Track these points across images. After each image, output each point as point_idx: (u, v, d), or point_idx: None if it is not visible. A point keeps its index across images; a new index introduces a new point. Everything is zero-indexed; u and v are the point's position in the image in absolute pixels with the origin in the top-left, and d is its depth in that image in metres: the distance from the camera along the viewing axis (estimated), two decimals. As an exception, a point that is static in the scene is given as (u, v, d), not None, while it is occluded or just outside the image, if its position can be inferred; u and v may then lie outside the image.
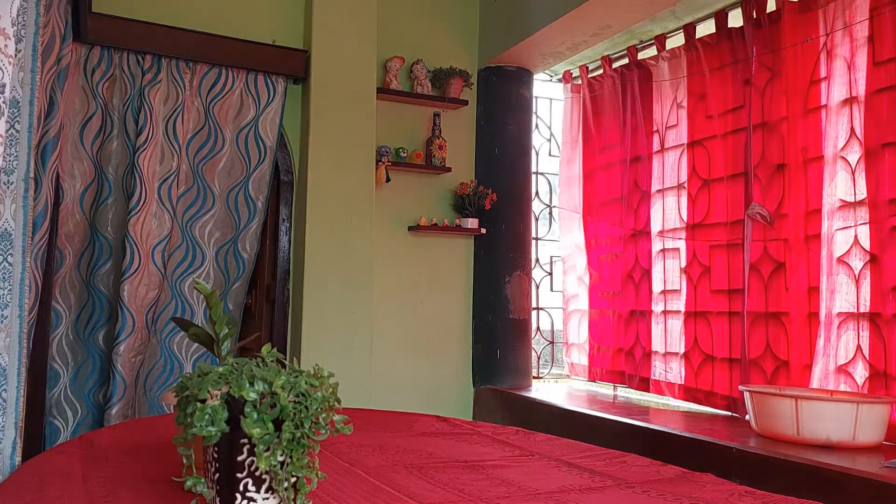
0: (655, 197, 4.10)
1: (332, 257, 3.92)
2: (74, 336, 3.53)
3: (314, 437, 1.04)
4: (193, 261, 3.72)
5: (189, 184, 3.70)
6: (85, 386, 3.53)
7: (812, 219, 3.25)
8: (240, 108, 3.80)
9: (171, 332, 3.68)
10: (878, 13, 2.96)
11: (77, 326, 3.53)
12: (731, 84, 3.66)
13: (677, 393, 3.88)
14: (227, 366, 1.10)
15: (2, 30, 1.25)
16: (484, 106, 4.56)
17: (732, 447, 2.79)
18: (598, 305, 4.59)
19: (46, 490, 1.33)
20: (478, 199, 4.35)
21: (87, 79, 3.48)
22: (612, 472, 1.60)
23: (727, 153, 3.65)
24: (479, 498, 1.35)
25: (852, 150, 3.07)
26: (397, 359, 4.29)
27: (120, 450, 1.72)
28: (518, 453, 1.78)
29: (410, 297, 4.37)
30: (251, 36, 3.84)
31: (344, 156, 3.97)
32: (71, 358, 3.51)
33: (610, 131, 4.51)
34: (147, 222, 3.51)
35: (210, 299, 1.31)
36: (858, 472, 2.37)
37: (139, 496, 1.32)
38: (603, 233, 4.56)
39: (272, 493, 1.05)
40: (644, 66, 4.21)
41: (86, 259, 3.55)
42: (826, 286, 3.12)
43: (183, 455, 1.10)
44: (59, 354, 3.48)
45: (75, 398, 3.50)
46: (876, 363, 2.90)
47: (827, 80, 3.20)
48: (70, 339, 3.52)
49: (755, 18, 3.50)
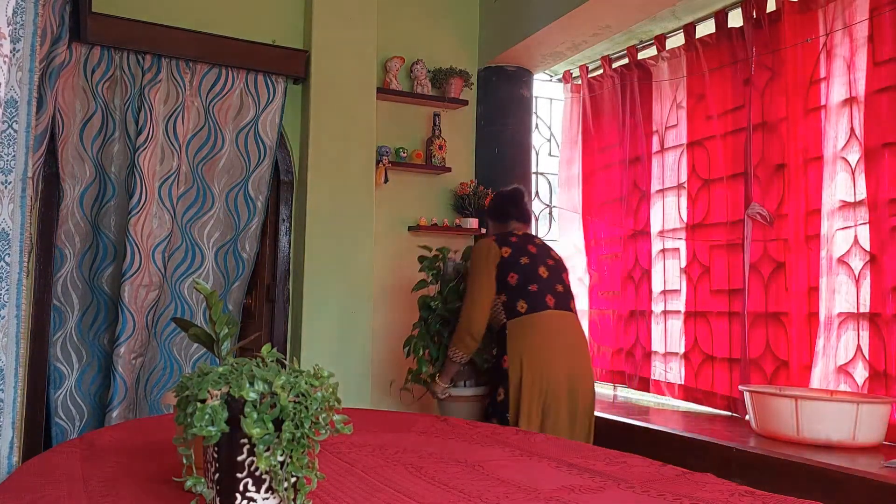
0: (655, 197, 4.10)
1: (332, 257, 3.92)
2: (79, 337, 3.52)
3: (314, 437, 1.04)
4: (193, 262, 3.72)
5: (189, 184, 3.70)
6: (90, 388, 3.53)
7: (812, 219, 3.25)
8: (240, 108, 3.80)
9: (171, 335, 3.67)
10: (877, 13, 2.96)
11: (81, 327, 3.53)
12: (730, 84, 3.66)
13: (677, 393, 3.88)
14: (227, 366, 1.10)
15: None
16: (484, 106, 4.56)
17: (732, 447, 2.79)
18: (598, 306, 4.59)
19: (46, 490, 1.33)
20: (478, 199, 4.35)
21: (87, 79, 3.48)
22: (612, 472, 1.60)
23: (727, 153, 3.66)
24: (479, 498, 1.35)
25: (852, 151, 3.07)
26: (397, 358, 4.28)
27: (120, 450, 1.72)
28: (518, 453, 1.78)
29: (410, 298, 4.36)
30: (251, 36, 3.84)
31: (344, 156, 3.97)
32: (76, 359, 3.50)
33: (609, 131, 4.51)
34: (147, 222, 3.50)
35: (210, 299, 1.31)
36: (858, 472, 2.37)
37: (139, 496, 1.32)
38: (603, 233, 4.56)
39: (272, 493, 1.05)
40: (644, 66, 4.21)
41: (88, 260, 3.54)
42: (826, 286, 3.12)
43: (183, 455, 1.10)
44: (63, 355, 3.47)
45: (81, 399, 3.50)
46: (876, 363, 2.90)
47: (827, 80, 3.20)
48: (75, 340, 3.51)
49: (755, 18, 3.50)
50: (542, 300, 2.96)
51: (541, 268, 3.02)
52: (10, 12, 1.25)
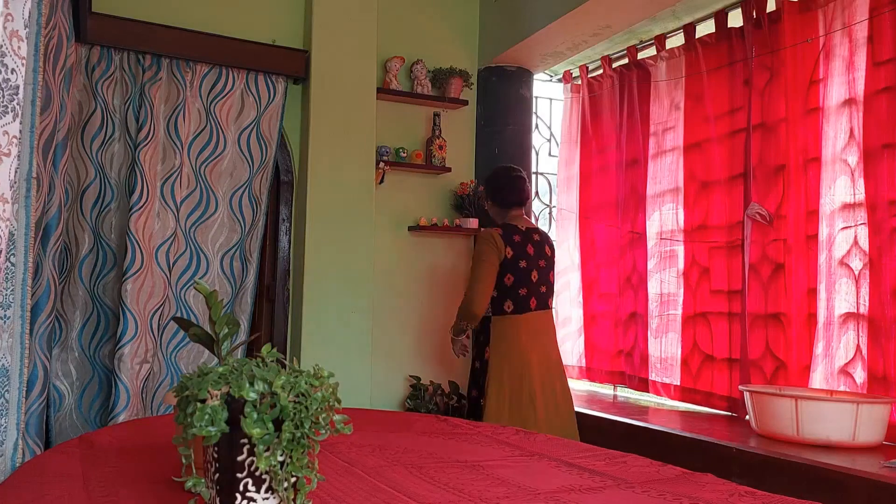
0: (654, 198, 4.09)
1: (332, 257, 3.92)
2: (80, 352, 3.39)
3: (314, 437, 1.04)
4: (198, 268, 3.65)
5: (192, 186, 3.66)
6: (91, 408, 3.38)
7: (811, 220, 3.24)
8: (241, 108, 3.79)
9: (176, 347, 3.58)
10: (877, 13, 2.95)
11: (81, 341, 3.40)
12: (730, 84, 3.65)
13: (677, 394, 3.87)
14: (227, 366, 1.10)
15: (15, 32, 1.25)
16: (484, 106, 4.56)
17: (732, 447, 2.79)
18: (597, 309, 4.57)
19: (46, 490, 1.33)
20: (478, 199, 4.35)
21: (88, 77, 3.47)
22: (612, 472, 1.60)
23: (726, 154, 3.65)
24: (479, 498, 1.35)
25: (851, 152, 3.07)
26: (397, 358, 4.29)
27: (120, 450, 1.72)
28: (518, 453, 1.78)
29: (410, 297, 4.37)
30: (251, 36, 3.84)
31: (344, 156, 3.97)
32: (76, 377, 3.36)
33: (609, 132, 4.51)
34: (150, 222, 3.45)
35: (210, 299, 1.31)
36: (858, 472, 2.37)
37: (139, 496, 1.32)
38: (601, 235, 4.55)
39: (272, 493, 1.05)
40: (643, 66, 4.21)
41: (88, 267, 3.45)
42: (825, 287, 3.12)
43: (183, 455, 1.10)
44: (63, 373, 3.33)
45: (81, 423, 3.33)
46: (875, 365, 2.90)
47: (826, 80, 3.20)
48: (75, 355, 3.38)
49: (755, 18, 3.50)
50: (527, 303, 3.20)
51: (533, 271, 3.23)
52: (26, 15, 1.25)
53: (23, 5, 1.26)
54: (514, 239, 3.20)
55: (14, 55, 1.26)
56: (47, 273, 2.28)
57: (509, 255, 3.16)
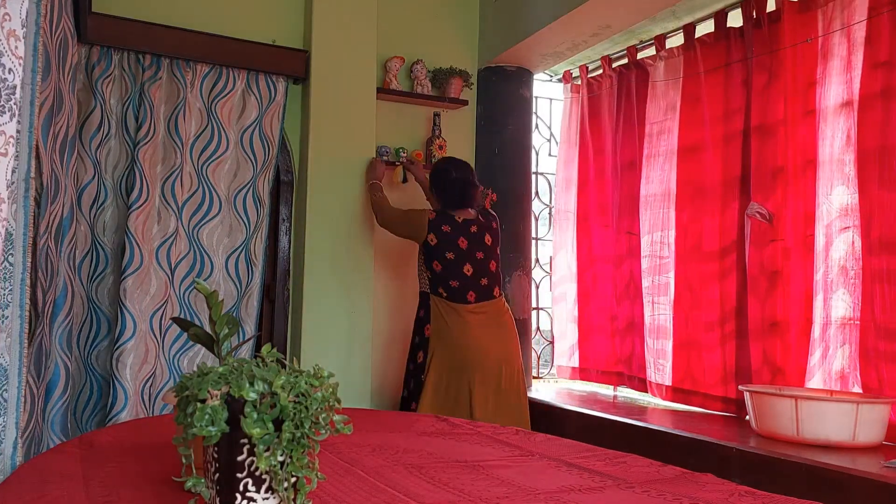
0: (652, 199, 4.07)
1: (332, 257, 3.92)
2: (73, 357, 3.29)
3: (314, 437, 1.04)
4: (202, 270, 3.62)
5: (194, 187, 3.64)
6: (84, 412, 3.34)
7: (809, 223, 3.23)
8: (243, 108, 3.78)
9: (179, 351, 3.55)
10: (876, 13, 2.95)
11: (79, 346, 3.36)
12: (729, 85, 3.64)
13: (676, 394, 3.87)
14: (227, 366, 1.10)
15: (12, 31, 1.25)
16: (484, 106, 4.56)
17: (732, 447, 2.79)
18: (594, 313, 4.55)
19: (46, 490, 1.33)
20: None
21: (88, 76, 3.46)
22: (612, 472, 1.60)
23: (725, 155, 3.63)
24: (479, 498, 1.35)
25: (849, 153, 3.06)
26: (397, 359, 4.28)
27: (120, 450, 1.72)
28: (518, 453, 1.78)
29: (411, 298, 4.36)
30: (251, 36, 3.84)
31: (344, 156, 3.97)
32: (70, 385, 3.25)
33: (607, 132, 4.49)
34: (149, 221, 3.44)
35: (210, 299, 1.31)
36: (858, 472, 2.37)
37: (139, 496, 1.32)
38: (598, 237, 4.53)
39: (272, 493, 1.05)
40: (642, 66, 4.20)
41: (85, 269, 3.42)
42: (823, 292, 3.11)
43: (183, 455, 1.10)
44: None
45: (73, 427, 3.27)
46: (872, 370, 2.89)
47: (824, 81, 3.19)
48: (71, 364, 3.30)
49: (755, 18, 3.49)
50: (463, 296, 3.25)
51: (466, 265, 3.27)
52: (24, 14, 1.25)
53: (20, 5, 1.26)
54: (443, 228, 3.24)
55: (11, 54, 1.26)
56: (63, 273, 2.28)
57: (432, 242, 3.22)
